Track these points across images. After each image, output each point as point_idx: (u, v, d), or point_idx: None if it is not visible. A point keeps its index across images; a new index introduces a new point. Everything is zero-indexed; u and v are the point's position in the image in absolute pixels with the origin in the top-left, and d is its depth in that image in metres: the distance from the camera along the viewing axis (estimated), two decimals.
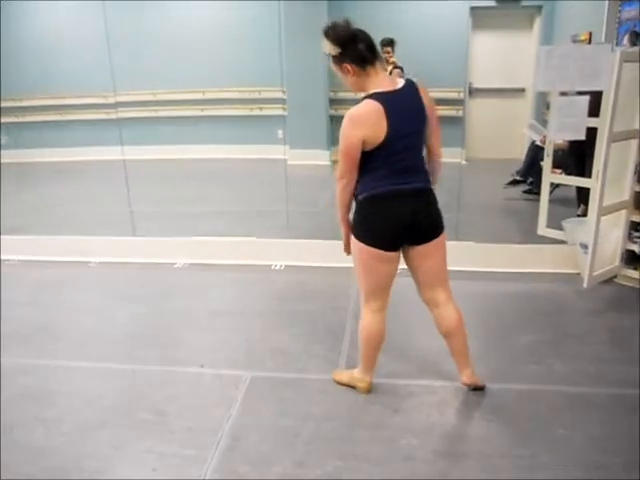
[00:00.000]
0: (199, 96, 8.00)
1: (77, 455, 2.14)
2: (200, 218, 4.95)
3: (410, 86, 2.13)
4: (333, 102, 7.75)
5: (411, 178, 2.15)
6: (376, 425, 2.27)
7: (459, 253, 3.88)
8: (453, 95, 7.53)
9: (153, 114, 7.60)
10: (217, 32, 7.86)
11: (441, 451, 2.12)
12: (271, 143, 6.12)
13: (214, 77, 7.92)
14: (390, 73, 5.74)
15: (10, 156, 8.21)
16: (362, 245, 2.20)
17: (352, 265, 2.32)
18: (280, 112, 5.90)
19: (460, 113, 7.66)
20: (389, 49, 6.77)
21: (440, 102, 7.40)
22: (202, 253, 4.07)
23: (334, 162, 7.70)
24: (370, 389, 2.50)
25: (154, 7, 7.86)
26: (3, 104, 8.32)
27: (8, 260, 4.19)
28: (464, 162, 7.56)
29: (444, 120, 7.82)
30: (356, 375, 2.51)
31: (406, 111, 2.10)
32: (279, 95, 7.09)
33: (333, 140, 7.83)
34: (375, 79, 2.11)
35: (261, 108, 7.77)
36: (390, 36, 6.83)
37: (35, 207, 5.74)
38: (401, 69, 6.81)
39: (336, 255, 3.93)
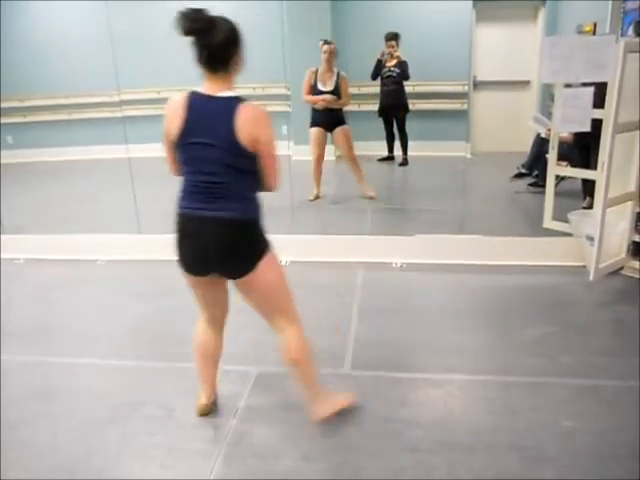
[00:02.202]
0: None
1: (85, 452, 2.16)
2: None
3: (231, 100, 1.88)
4: None
5: (213, 204, 1.89)
6: (382, 418, 2.28)
7: (465, 246, 3.90)
8: (457, 88, 7.50)
9: (159, 112, 7.60)
10: None
11: (447, 443, 2.12)
12: (276, 139, 6.13)
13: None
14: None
15: (16, 156, 8.25)
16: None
17: (355, 260, 2.31)
18: (285, 108, 5.89)
19: (464, 106, 7.64)
20: (393, 43, 6.76)
21: (444, 95, 7.45)
22: None
23: (338, 157, 7.71)
24: (206, 411, 2.32)
25: (157, 4, 7.87)
26: (9, 104, 8.36)
27: (15, 259, 4.23)
28: (469, 155, 7.55)
29: (448, 114, 7.83)
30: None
31: (209, 120, 1.87)
32: (283, 91, 7.09)
33: None
34: (205, 82, 1.93)
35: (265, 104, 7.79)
36: (394, 30, 6.82)
37: (41, 206, 5.77)
38: (405, 63, 6.80)
39: (341, 250, 3.98)
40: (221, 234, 1.91)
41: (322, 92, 5.29)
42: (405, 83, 6.92)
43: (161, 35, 7.78)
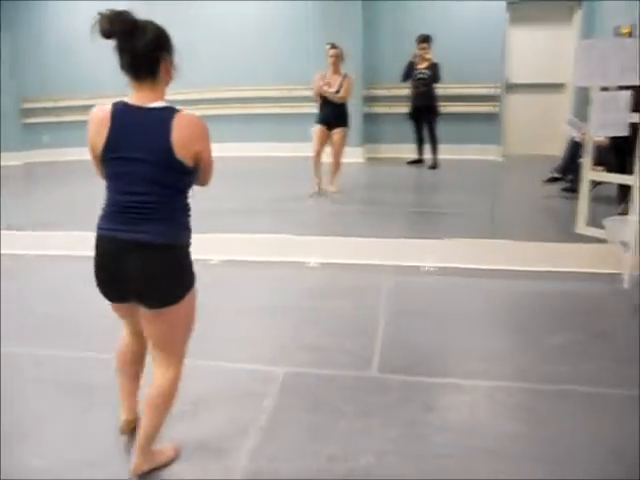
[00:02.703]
0: (230, 94, 8.14)
1: (111, 445, 2.20)
2: (235, 215, 5.00)
3: (164, 111, 1.73)
4: (368, 99, 7.73)
5: (137, 226, 1.73)
6: (409, 422, 2.27)
7: (495, 251, 3.85)
8: (489, 91, 7.42)
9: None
10: (251, 31, 7.94)
11: (472, 449, 2.10)
12: (305, 141, 6.16)
13: (246, 75, 8.01)
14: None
15: (51, 155, 8.47)
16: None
17: (384, 263, 2.29)
18: (313, 110, 5.94)
19: (497, 109, 7.55)
20: (425, 45, 6.73)
21: (476, 98, 7.37)
22: (237, 250, 4.12)
23: (367, 160, 7.71)
24: (130, 427, 2.14)
25: (191, 6, 7.99)
26: (44, 104, 8.58)
27: (45, 255, 4.32)
28: (500, 159, 7.46)
29: (480, 117, 7.77)
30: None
31: (137, 133, 1.72)
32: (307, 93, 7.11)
33: (366, 137, 7.82)
34: (132, 91, 1.78)
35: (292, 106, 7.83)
36: (426, 32, 6.78)
37: (71, 204, 5.89)
38: (436, 65, 6.76)
39: (369, 253, 3.97)
40: (143, 260, 1.74)
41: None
42: (436, 85, 6.88)
43: (193, 37, 7.94)
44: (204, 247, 4.08)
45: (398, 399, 2.42)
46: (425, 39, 6.73)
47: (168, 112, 1.73)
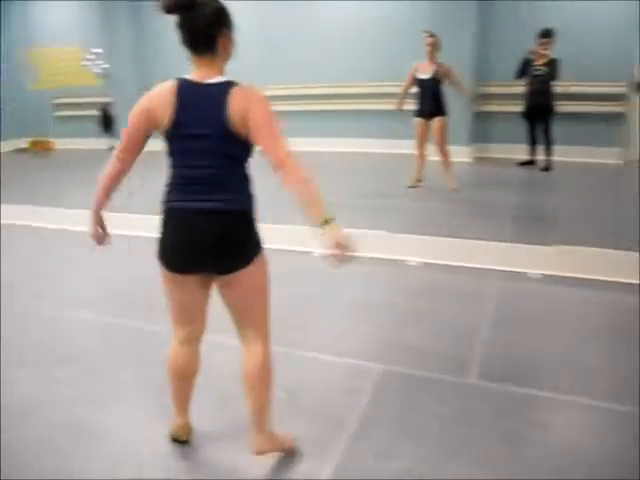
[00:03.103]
0: (327, 91, 8.22)
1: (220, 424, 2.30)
2: (334, 209, 5.02)
3: (222, 86, 1.77)
4: (479, 97, 7.47)
5: (206, 196, 1.79)
6: (510, 436, 2.18)
7: (612, 262, 3.60)
8: (613, 90, 6.91)
9: (291, 108, 7.87)
10: (356, 28, 7.96)
11: (568, 468, 1.98)
12: (410, 138, 6.06)
13: (346, 72, 8.05)
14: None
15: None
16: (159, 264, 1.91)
17: (489, 267, 2.19)
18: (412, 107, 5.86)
19: (620, 109, 7.02)
20: (545, 40, 6.38)
21: (596, 97, 6.89)
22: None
23: (475, 159, 7.46)
24: (184, 434, 2.15)
25: (306, 6, 8.14)
26: None
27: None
28: (621, 162, 6.94)
29: (599, 117, 7.24)
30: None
31: (200, 109, 1.76)
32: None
33: (475, 136, 7.57)
34: (193, 68, 1.82)
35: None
36: (548, 26, 6.43)
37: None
38: (555, 62, 6.39)
39: (475, 255, 3.84)
40: (215, 226, 1.80)
41: (421, 79, 5.61)
42: (554, 83, 6.50)
43: (315, 32, 8.08)
44: (306, 240, 4.18)
45: (497, 410, 2.34)
46: (547, 34, 6.37)
47: (225, 86, 1.77)
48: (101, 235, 2.05)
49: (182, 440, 2.16)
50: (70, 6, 9.68)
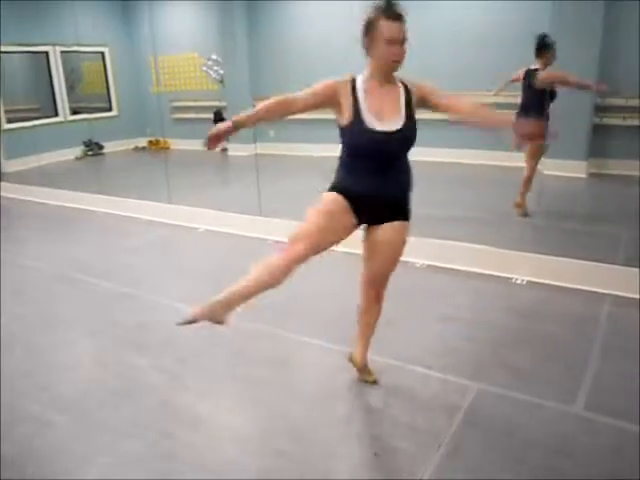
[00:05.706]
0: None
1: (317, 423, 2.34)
2: (440, 221, 4.92)
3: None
4: (599, 109, 7.02)
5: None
6: (616, 474, 2.02)
7: None
8: None
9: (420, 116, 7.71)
10: (478, 33, 7.72)
11: None
12: (520, 150, 5.80)
13: (475, 80, 7.79)
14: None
15: (276, 148, 9.19)
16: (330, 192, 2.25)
17: (602, 290, 2.08)
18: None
19: None
20: None
21: None
22: (441, 256, 4.07)
23: (590, 175, 7.01)
24: (359, 365, 2.60)
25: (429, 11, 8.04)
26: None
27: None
28: None
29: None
30: None
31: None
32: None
33: (593, 151, 7.11)
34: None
35: None
36: None
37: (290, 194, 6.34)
38: None
39: (588, 278, 3.60)
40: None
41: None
42: None
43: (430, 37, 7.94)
44: (412, 250, 4.11)
45: (605, 445, 2.18)
46: None
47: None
48: (215, 137, 2.18)
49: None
50: (190, 11, 10.31)
